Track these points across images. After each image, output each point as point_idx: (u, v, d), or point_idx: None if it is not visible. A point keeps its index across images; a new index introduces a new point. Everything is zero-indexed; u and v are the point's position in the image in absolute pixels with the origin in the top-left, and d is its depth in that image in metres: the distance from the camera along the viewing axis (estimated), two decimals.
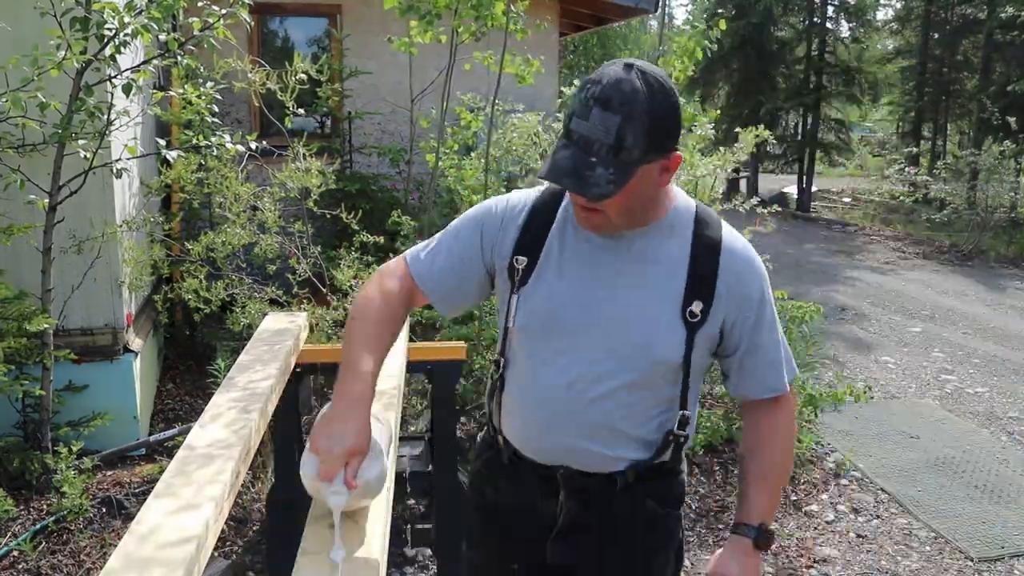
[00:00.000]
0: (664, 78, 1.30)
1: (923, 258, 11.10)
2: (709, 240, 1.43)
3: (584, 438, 1.45)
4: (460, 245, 1.52)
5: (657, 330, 1.40)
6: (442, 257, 1.52)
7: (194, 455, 1.65)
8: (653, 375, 1.42)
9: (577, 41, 20.85)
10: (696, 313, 1.40)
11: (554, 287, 1.44)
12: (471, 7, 3.79)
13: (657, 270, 1.42)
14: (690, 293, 1.40)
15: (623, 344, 1.41)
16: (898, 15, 19.29)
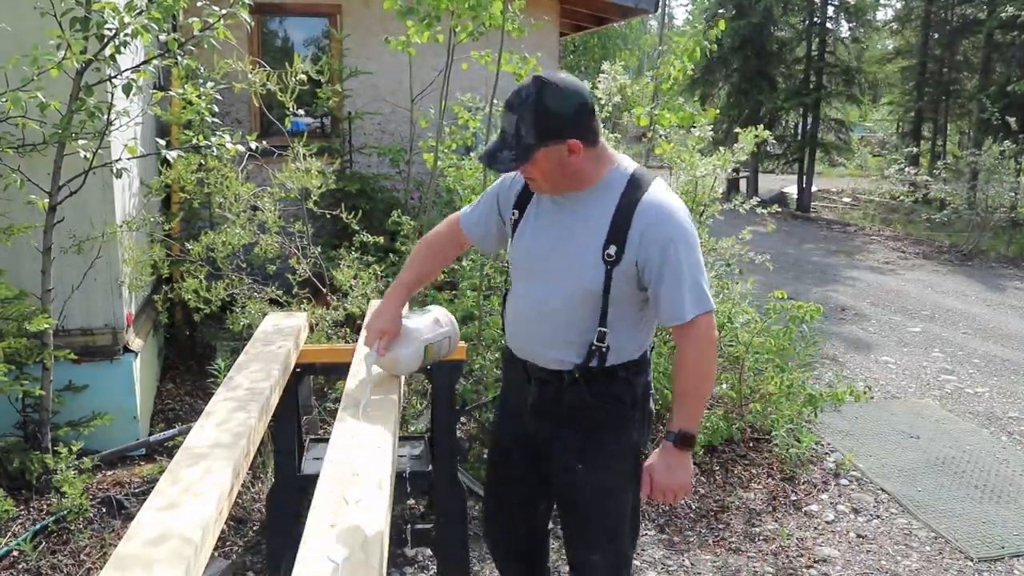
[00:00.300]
0: (563, 83, 1.81)
1: (923, 258, 11.10)
2: (632, 198, 1.87)
3: (537, 342, 2.02)
4: (488, 202, 2.17)
5: (583, 267, 1.89)
6: (478, 211, 2.19)
7: (194, 455, 1.65)
8: (583, 300, 1.91)
9: (577, 41, 20.87)
10: (612, 255, 1.86)
11: (528, 236, 2.02)
12: (468, 7, 3.80)
13: (588, 223, 1.90)
14: (608, 239, 1.87)
15: (562, 277, 1.93)
16: (898, 15, 19.30)
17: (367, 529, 1.42)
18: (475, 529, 3.37)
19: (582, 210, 1.92)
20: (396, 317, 2.14)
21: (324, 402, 4.23)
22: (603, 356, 1.95)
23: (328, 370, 3.20)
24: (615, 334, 1.94)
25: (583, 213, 1.92)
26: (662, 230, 1.85)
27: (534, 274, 2.00)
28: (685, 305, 1.85)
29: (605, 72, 4.68)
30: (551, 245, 1.95)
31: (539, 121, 1.78)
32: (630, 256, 1.86)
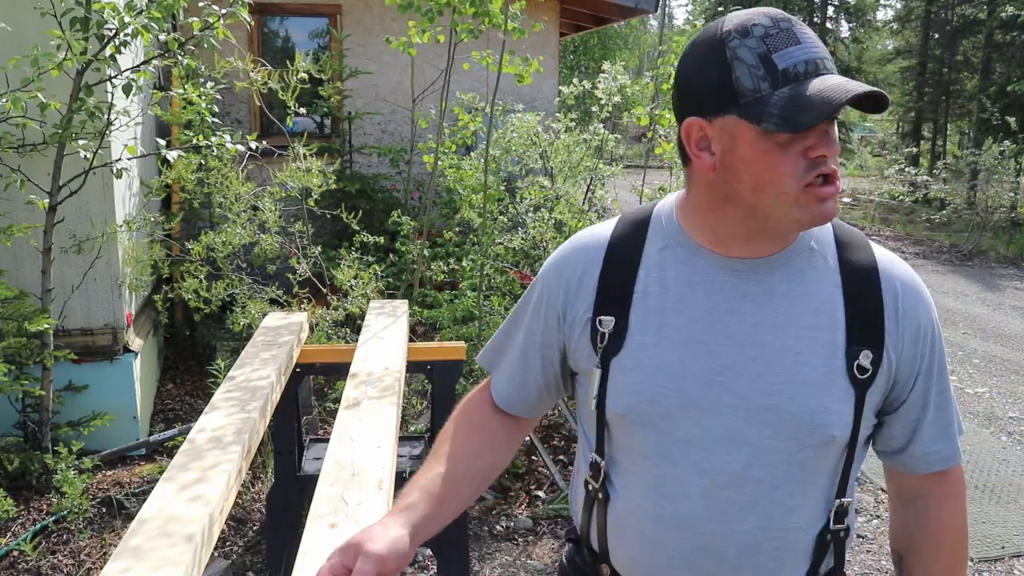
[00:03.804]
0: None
1: (923, 258, 11.10)
2: (862, 265, 1.05)
3: (739, 564, 1.04)
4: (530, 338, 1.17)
5: (820, 397, 1.00)
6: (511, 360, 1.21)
7: (194, 454, 1.65)
8: (815, 460, 1.02)
9: (577, 41, 20.86)
10: (866, 367, 1.01)
11: (662, 352, 1.04)
12: (469, 4, 3.80)
13: (804, 312, 1.02)
14: (854, 340, 1.01)
15: (775, 423, 1.00)
16: (898, 15, 19.32)
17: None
18: (475, 529, 3.36)
19: (777, 291, 1.03)
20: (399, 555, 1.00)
21: (324, 402, 4.23)
22: (840, 546, 1.09)
23: (328, 370, 3.20)
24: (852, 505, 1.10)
25: (782, 295, 1.03)
26: (924, 315, 1.06)
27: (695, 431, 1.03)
28: (956, 436, 1.11)
29: (605, 72, 4.68)
30: (728, 366, 1.02)
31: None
32: (887, 365, 1.03)
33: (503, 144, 5.02)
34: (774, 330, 1.01)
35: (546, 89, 7.04)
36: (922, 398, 1.07)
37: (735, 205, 0.99)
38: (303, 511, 1.45)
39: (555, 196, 4.78)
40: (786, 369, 1.00)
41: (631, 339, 1.05)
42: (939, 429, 1.09)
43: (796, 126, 0.90)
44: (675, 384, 1.02)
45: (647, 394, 1.04)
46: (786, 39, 0.92)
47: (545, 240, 4.55)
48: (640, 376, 1.04)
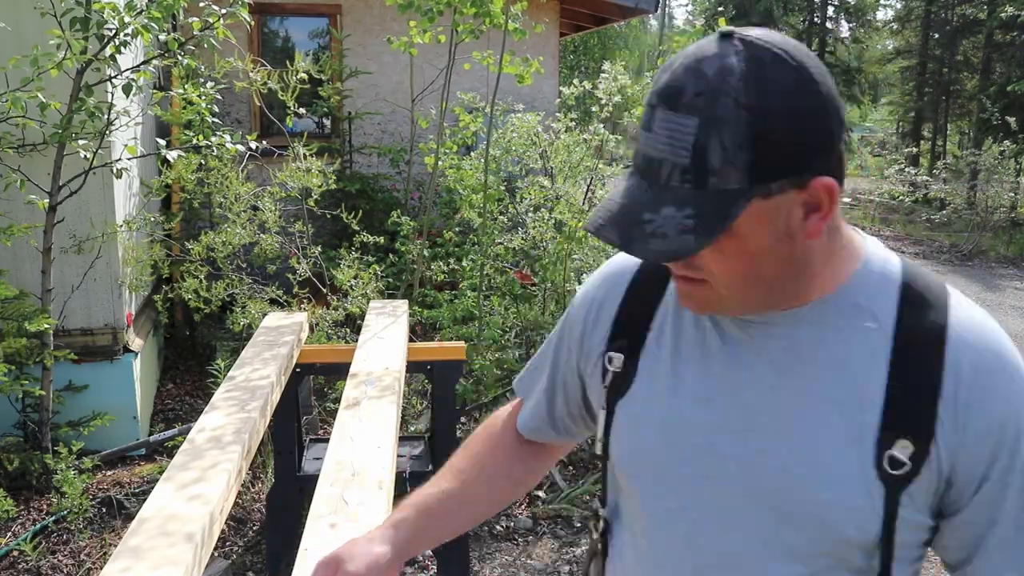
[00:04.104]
0: (792, 49, 0.75)
1: (923, 258, 11.10)
2: (927, 329, 0.82)
3: None
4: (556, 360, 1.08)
5: (837, 489, 0.81)
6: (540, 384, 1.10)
7: (195, 454, 1.65)
8: (832, 561, 0.83)
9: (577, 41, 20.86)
10: (901, 460, 0.80)
11: (665, 404, 0.90)
12: (470, 4, 3.80)
13: (833, 381, 0.82)
14: (890, 425, 0.80)
15: (779, 509, 0.83)
16: (898, 15, 19.32)
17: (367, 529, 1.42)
18: (475, 529, 3.37)
19: (803, 352, 0.84)
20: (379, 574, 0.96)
21: (324, 402, 4.23)
22: None
23: (328, 370, 3.20)
24: None
25: (808, 358, 0.84)
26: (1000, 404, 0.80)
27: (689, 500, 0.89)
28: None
29: (605, 72, 4.68)
30: (733, 432, 0.86)
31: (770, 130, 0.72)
32: (938, 460, 0.80)
33: (503, 144, 5.02)
34: (793, 397, 0.83)
35: (546, 89, 7.04)
36: (989, 509, 0.81)
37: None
38: (303, 511, 1.45)
39: (555, 196, 4.78)
40: (800, 447, 0.82)
41: (638, 383, 0.93)
42: (1014, 556, 0.82)
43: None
44: (672, 443, 0.89)
45: (642, 450, 0.92)
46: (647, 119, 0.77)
47: (545, 240, 4.55)
48: (639, 428, 0.93)
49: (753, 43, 0.74)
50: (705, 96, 0.72)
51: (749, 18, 16.66)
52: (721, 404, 0.87)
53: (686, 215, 0.73)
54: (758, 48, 0.74)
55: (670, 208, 0.74)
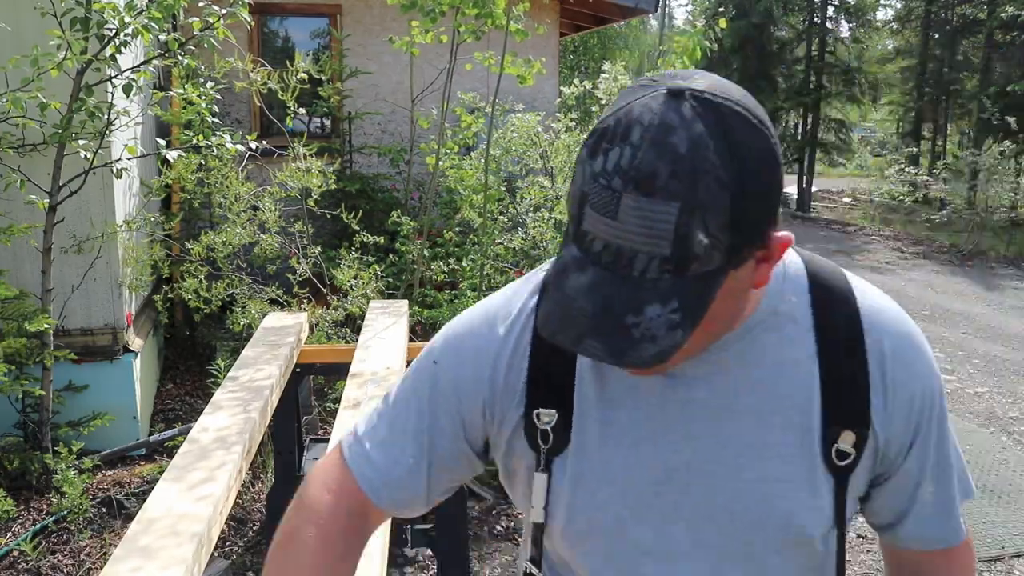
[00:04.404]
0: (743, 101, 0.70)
1: (923, 258, 11.10)
2: (843, 322, 0.85)
3: None
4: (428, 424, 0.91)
5: (796, 495, 0.83)
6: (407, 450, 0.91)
7: (195, 454, 1.65)
8: (791, 561, 0.87)
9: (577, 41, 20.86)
10: (846, 452, 0.83)
11: (606, 455, 0.86)
12: (472, 5, 3.80)
13: (771, 393, 0.84)
14: (832, 421, 0.83)
15: (744, 527, 0.85)
16: (898, 15, 19.31)
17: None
18: (475, 529, 3.36)
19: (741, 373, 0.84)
20: None
21: (324, 402, 4.23)
22: None
23: (328, 370, 3.20)
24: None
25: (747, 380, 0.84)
26: (918, 381, 0.86)
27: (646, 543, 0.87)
28: (957, 515, 0.92)
29: (606, 72, 4.68)
30: (686, 471, 0.85)
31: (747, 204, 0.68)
32: (878, 440, 0.85)
33: (504, 144, 5.02)
34: (736, 418, 0.83)
35: (547, 89, 7.04)
36: (916, 472, 0.89)
37: None
38: None
39: (555, 196, 4.78)
40: (753, 465, 0.83)
41: (574, 437, 0.87)
42: (937, 507, 0.91)
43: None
44: (622, 494, 0.85)
45: (590, 509, 0.87)
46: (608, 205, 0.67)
47: (545, 240, 4.55)
48: (583, 486, 0.87)
49: (711, 102, 0.68)
50: (683, 179, 0.65)
51: (749, 18, 16.64)
52: (663, 442, 0.84)
53: (671, 310, 0.67)
54: (719, 109, 0.68)
55: (654, 306, 0.67)
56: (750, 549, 0.85)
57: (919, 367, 0.86)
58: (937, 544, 0.93)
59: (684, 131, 0.66)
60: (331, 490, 0.91)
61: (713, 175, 0.65)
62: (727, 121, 0.67)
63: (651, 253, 0.66)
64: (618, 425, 0.85)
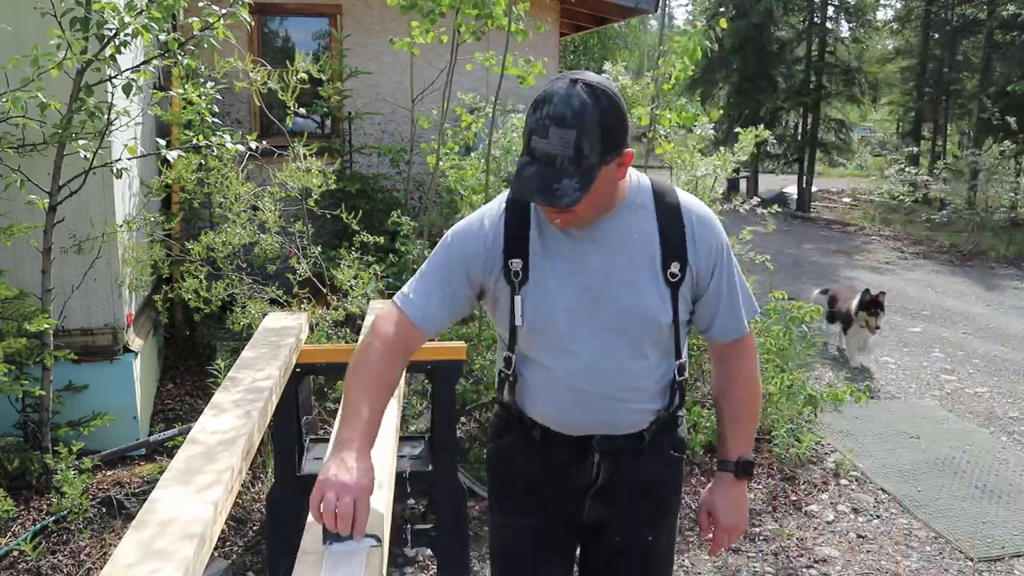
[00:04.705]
0: (608, 85, 1.43)
1: (923, 258, 11.10)
2: (669, 206, 1.60)
3: (613, 407, 1.62)
4: (449, 278, 1.61)
5: (647, 297, 1.57)
6: (436, 296, 1.60)
7: (195, 454, 1.65)
8: (655, 337, 1.60)
9: (577, 41, 20.86)
10: (676, 273, 1.58)
11: (551, 285, 1.57)
12: (472, 5, 3.80)
13: (633, 246, 1.57)
14: (667, 257, 1.57)
15: (622, 320, 1.57)
16: (898, 15, 19.30)
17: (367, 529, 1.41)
18: (475, 529, 3.37)
19: (619, 234, 1.56)
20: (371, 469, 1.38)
21: (324, 402, 4.23)
22: (683, 392, 1.69)
23: (328, 370, 3.20)
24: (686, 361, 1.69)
25: (622, 237, 1.56)
26: (712, 233, 1.61)
27: (577, 327, 1.56)
28: (742, 315, 1.66)
29: (606, 72, 4.68)
30: (593, 286, 1.55)
31: (605, 132, 1.40)
32: (692, 269, 1.58)
33: (504, 144, 5.02)
34: (616, 261, 1.56)
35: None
36: (716, 293, 1.63)
37: None
38: (303, 511, 1.44)
39: None
40: (627, 282, 1.56)
41: (532, 275, 1.58)
42: (729, 312, 1.65)
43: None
44: (558, 305, 1.57)
45: (546, 311, 1.58)
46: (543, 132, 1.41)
47: None
48: (536, 302, 1.58)
49: (591, 85, 1.41)
50: (577, 118, 1.39)
51: (749, 18, 16.63)
52: (581, 277, 1.57)
53: (575, 182, 1.41)
54: (595, 88, 1.41)
55: (566, 180, 1.40)
56: (628, 329, 1.58)
57: (713, 231, 1.62)
58: (732, 335, 1.67)
59: (577, 98, 1.39)
60: (390, 321, 1.59)
61: (591, 118, 1.39)
62: (597, 93, 1.40)
63: (564, 155, 1.39)
64: (553, 267, 1.58)
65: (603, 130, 1.39)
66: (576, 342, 1.57)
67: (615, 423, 1.64)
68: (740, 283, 1.66)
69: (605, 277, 1.55)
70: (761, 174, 18.67)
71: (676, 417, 1.72)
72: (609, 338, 1.57)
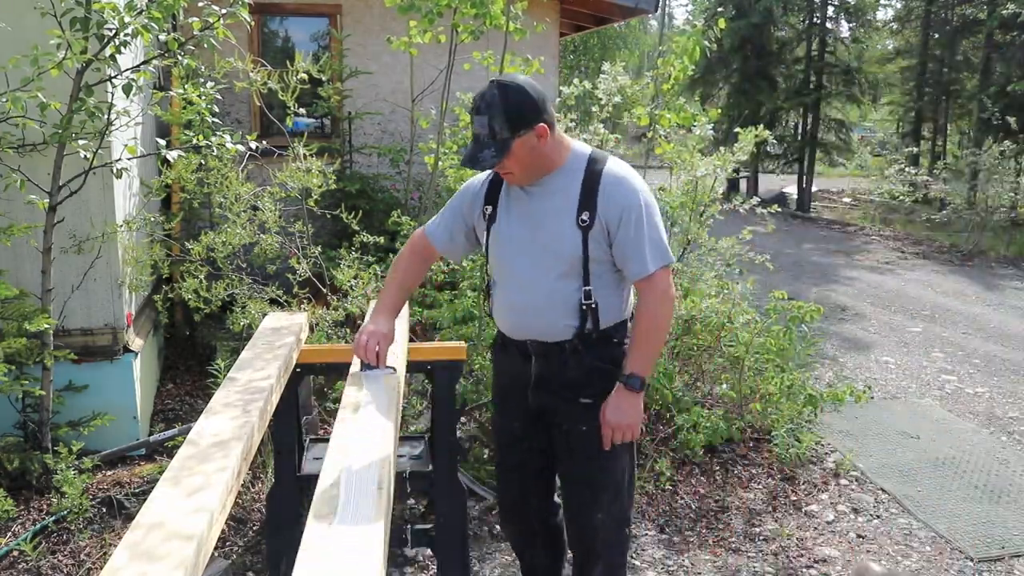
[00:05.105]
0: (518, 81, 2.07)
1: (923, 258, 11.10)
2: (594, 171, 2.15)
3: (534, 317, 2.23)
4: (453, 210, 2.38)
5: (563, 237, 2.14)
6: (444, 221, 2.38)
7: (195, 454, 1.65)
8: (568, 267, 2.15)
9: (577, 41, 20.86)
10: (585, 219, 2.12)
11: (507, 223, 2.25)
12: (470, 5, 3.79)
13: (558, 198, 2.16)
14: (580, 208, 2.12)
15: (546, 252, 2.16)
16: (898, 15, 19.31)
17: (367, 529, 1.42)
18: (475, 529, 3.37)
19: (553, 190, 2.16)
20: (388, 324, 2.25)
21: (324, 402, 4.23)
22: (596, 317, 2.19)
23: (328, 370, 3.20)
24: (600, 292, 2.18)
25: (554, 191, 2.16)
26: (623, 192, 2.13)
27: (518, 256, 2.20)
28: (647, 259, 2.12)
29: (605, 72, 4.68)
30: (531, 227, 2.18)
31: (509, 114, 2.02)
32: (599, 220, 2.11)
33: None
34: (546, 209, 2.17)
35: (546, 89, 7.03)
36: (624, 240, 2.13)
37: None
38: (303, 511, 1.45)
39: None
40: (550, 227, 2.16)
41: (499, 217, 2.26)
42: (636, 256, 2.13)
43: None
44: (508, 242, 2.24)
45: (499, 247, 2.26)
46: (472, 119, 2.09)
47: None
48: (497, 235, 2.26)
49: (502, 83, 2.06)
50: (490, 108, 2.05)
51: (748, 18, 16.64)
52: (523, 220, 2.21)
53: (492, 152, 2.06)
54: (506, 86, 2.05)
55: (487, 151, 2.07)
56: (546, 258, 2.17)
57: (625, 191, 2.14)
58: (639, 274, 2.16)
59: (491, 94, 2.06)
60: (418, 238, 2.42)
61: (497, 106, 2.05)
62: (506, 88, 2.06)
63: (484, 133, 2.06)
64: (512, 214, 2.24)
65: (508, 113, 2.02)
66: (515, 266, 2.22)
67: (542, 331, 2.22)
68: (649, 235, 2.12)
69: (539, 220, 2.17)
70: (761, 174, 18.68)
71: (607, 339, 2.22)
72: (536, 263, 2.18)
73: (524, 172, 2.12)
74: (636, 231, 2.11)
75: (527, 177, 2.15)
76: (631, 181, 2.15)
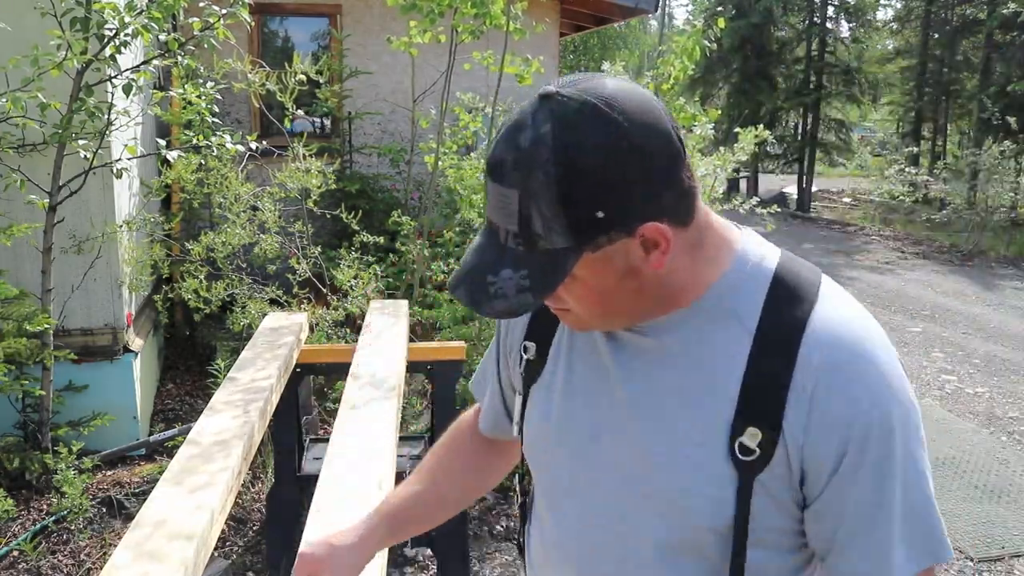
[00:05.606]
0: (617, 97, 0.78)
1: (923, 258, 11.10)
2: (786, 325, 0.85)
3: None
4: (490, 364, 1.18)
5: (694, 476, 0.86)
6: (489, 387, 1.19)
7: (195, 454, 1.65)
8: (690, 549, 0.89)
9: (577, 41, 20.86)
10: (749, 447, 0.83)
11: (555, 397, 0.98)
12: (471, 5, 3.79)
13: (692, 380, 0.87)
14: (741, 415, 0.84)
15: (649, 496, 0.89)
16: (898, 15, 19.30)
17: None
18: (475, 529, 3.36)
19: (673, 352, 0.89)
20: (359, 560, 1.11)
21: (324, 402, 4.23)
22: None
23: (328, 370, 3.20)
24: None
25: (675, 359, 0.89)
26: (851, 403, 0.83)
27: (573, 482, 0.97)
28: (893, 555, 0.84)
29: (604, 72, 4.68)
30: (603, 425, 0.94)
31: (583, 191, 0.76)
32: (787, 449, 0.83)
33: None
34: (661, 396, 0.88)
35: None
36: (838, 504, 0.84)
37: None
38: (303, 511, 1.45)
39: None
40: (666, 441, 0.88)
41: (545, 371, 1.01)
42: (864, 549, 0.84)
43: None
44: (558, 432, 0.97)
45: (537, 434, 1.01)
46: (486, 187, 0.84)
47: None
48: (538, 413, 1.00)
49: (568, 103, 0.77)
50: (520, 171, 0.76)
51: (749, 18, 16.65)
52: (595, 402, 0.94)
53: (522, 275, 0.80)
54: (573, 108, 0.76)
55: (508, 270, 0.80)
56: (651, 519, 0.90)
57: (856, 392, 0.82)
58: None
59: (532, 130, 0.76)
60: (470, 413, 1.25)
61: (543, 169, 0.75)
62: (572, 120, 0.76)
63: (507, 228, 0.79)
64: (574, 376, 0.97)
65: (570, 189, 0.75)
66: (573, 496, 0.97)
67: None
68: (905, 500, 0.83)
69: (630, 415, 0.91)
70: (761, 174, 18.68)
71: None
72: (605, 510, 0.94)
73: (597, 318, 0.90)
74: (876, 497, 0.83)
75: (608, 321, 0.91)
76: (881, 367, 0.88)
